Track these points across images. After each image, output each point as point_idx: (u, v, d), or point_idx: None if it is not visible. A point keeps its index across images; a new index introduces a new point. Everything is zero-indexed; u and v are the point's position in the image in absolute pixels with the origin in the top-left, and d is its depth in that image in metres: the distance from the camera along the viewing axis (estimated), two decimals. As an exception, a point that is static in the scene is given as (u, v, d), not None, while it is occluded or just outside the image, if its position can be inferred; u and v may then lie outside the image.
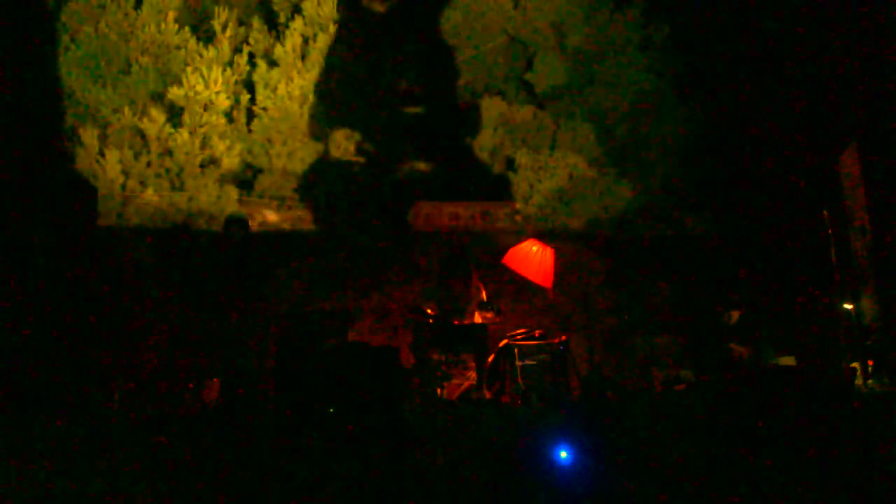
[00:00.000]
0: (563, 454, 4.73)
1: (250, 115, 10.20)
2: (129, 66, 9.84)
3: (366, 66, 10.58)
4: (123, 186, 9.50)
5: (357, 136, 10.48)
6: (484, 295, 7.44)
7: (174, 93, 9.65)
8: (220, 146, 9.79)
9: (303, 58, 10.23)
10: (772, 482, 4.64)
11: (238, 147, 9.97)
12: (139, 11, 9.96)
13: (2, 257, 6.64)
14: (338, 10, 10.41)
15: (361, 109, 10.49)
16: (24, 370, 6.21)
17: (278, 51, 10.22)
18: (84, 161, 9.42)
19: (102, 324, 7.17)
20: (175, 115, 9.73)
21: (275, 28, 10.59)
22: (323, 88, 10.20)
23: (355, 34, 10.52)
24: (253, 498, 4.59)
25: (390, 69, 10.86)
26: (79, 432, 5.00)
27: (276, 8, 10.68)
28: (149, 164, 9.58)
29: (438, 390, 6.79)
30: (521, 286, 8.22)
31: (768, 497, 4.59)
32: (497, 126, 10.80)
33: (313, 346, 6.53)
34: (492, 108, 10.86)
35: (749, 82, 10.06)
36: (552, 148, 10.58)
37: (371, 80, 10.59)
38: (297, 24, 10.31)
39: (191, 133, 9.66)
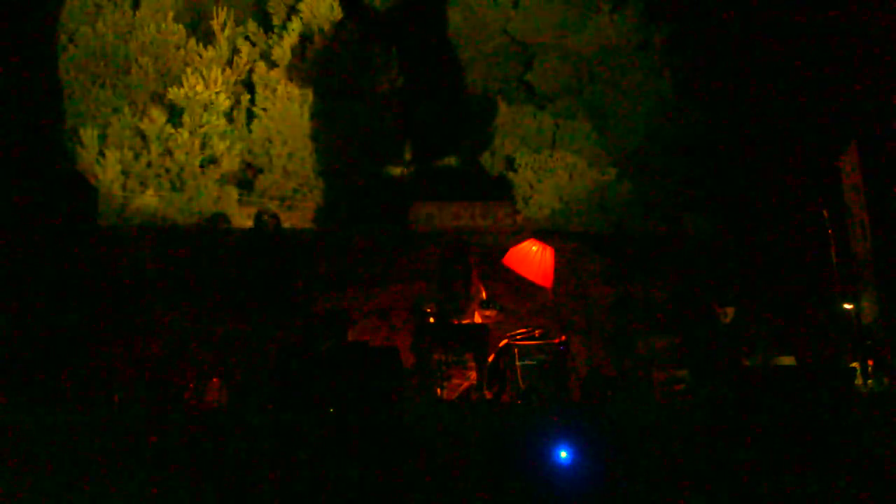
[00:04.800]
0: (563, 454, 4.72)
1: (250, 115, 10.20)
2: (129, 66, 9.84)
3: (365, 67, 10.58)
4: (123, 186, 9.49)
5: (357, 136, 10.47)
6: (484, 294, 7.43)
7: (174, 93, 9.65)
8: (220, 146, 9.79)
9: (302, 58, 10.22)
10: (772, 482, 4.63)
11: (238, 147, 9.97)
12: (137, 11, 9.95)
13: (2, 257, 6.64)
14: (336, 11, 10.40)
15: (361, 109, 10.49)
16: (25, 370, 6.21)
17: (277, 51, 10.22)
18: (84, 161, 9.41)
19: (102, 324, 7.17)
20: (175, 115, 9.73)
21: (271, 29, 10.59)
22: (322, 89, 10.20)
23: (354, 35, 10.51)
24: (253, 498, 4.59)
25: (390, 69, 10.85)
26: (79, 432, 4.99)
27: (271, 10, 10.67)
28: (149, 164, 9.58)
29: (438, 390, 6.78)
30: (521, 286, 8.21)
31: (768, 497, 4.58)
32: (497, 126, 10.80)
33: (313, 346, 6.53)
34: (492, 108, 10.85)
35: (749, 82, 10.06)
36: (552, 148, 10.58)
37: (371, 81, 10.58)
38: (296, 24, 10.31)
39: (191, 133, 9.66)
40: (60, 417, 5.26)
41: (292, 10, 10.53)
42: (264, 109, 10.11)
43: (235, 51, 10.23)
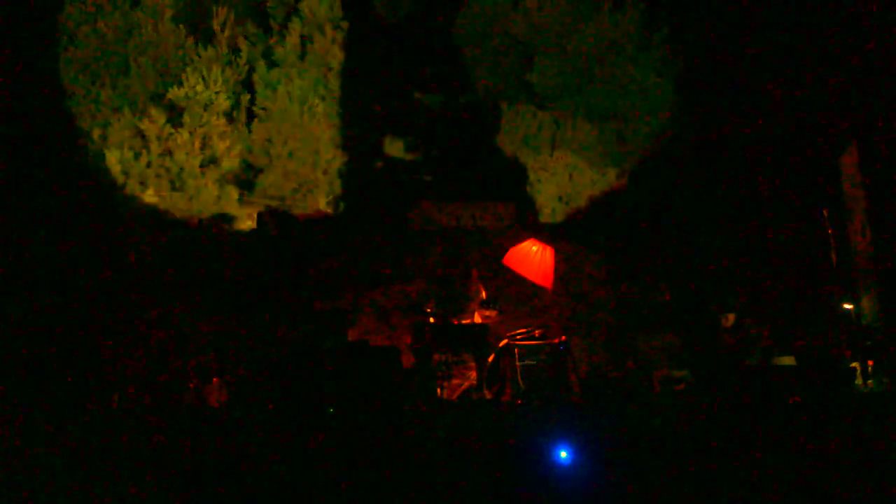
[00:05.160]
0: (563, 454, 4.73)
1: (250, 115, 10.19)
2: (128, 66, 9.83)
3: (365, 67, 10.57)
4: (123, 186, 9.49)
5: (357, 136, 10.47)
6: (484, 294, 7.44)
7: (174, 93, 9.64)
8: (220, 146, 9.78)
9: (302, 58, 10.22)
10: (771, 482, 4.64)
11: (238, 147, 9.96)
12: (137, 11, 9.94)
13: (2, 257, 6.65)
14: (337, 11, 10.38)
15: (361, 109, 10.49)
16: (25, 370, 6.21)
17: (278, 51, 10.21)
18: (84, 161, 9.41)
19: (102, 323, 7.17)
20: (175, 115, 9.72)
21: (270, 30, 10.58)
22: (322, 89, 10.19)
23: (354, 35, 10.50)
24: (253, 498, 4.59)
25: (390, 70, 10.85)
26: (79, 432, 5.00)
27: (270, 10, 10.66)
28: (149, 165, 9.57)
29: (438, 390, 6.78)
30: (521, 286, 8.21)
31: (768, 497, 4.59)
32: (497, 126, 10.79)
33: (313, 346, 6.54)
34: (492, 108, 10.85)
35: (749, 82, 10.06)
36: (552, 148, 10.57)
37: (370, 81, 10.58)
38: (296, 24, 10.30)
39: (191, 133, 9.65)
40: (61, 417, 5.26)
41: (292, 11, 10.52)
42: (264, 109, 10.11)
43: (235, 51, 10.23)
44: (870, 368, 6.78)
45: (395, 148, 10.96)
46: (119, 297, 7.85)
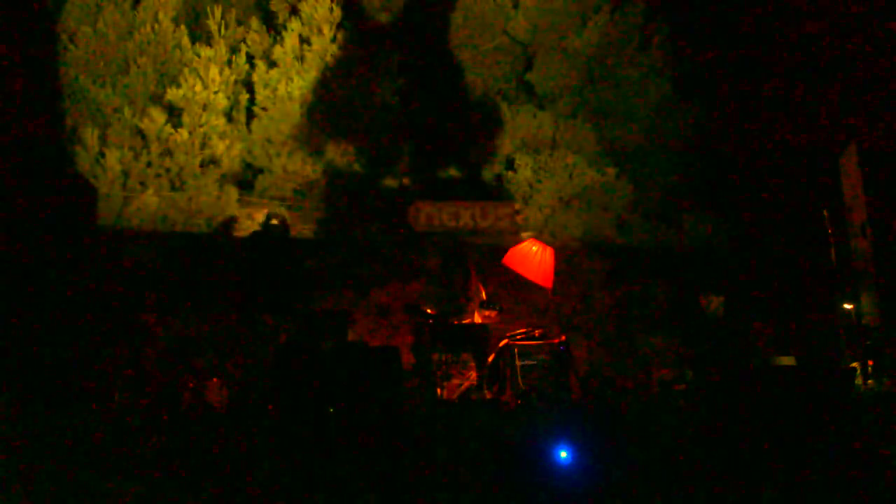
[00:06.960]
0: (563, 454, 4.73)
1: (250, 115, 10.19)
2: (128, 66, 9.83)
3: (364, 66, 10.57)
4: (123, 186, 9.49)
5: (356, 136, 10.47)
6: (484, 294, 7.45)
7: (173, 93, 9.64)
8: (220, 146, 9.78)
9: (301, 58, 10.22)
10: (772, 482, 4.64)
11: (238, 147, 9.95)
12: (137, 11, 9.94)
13: (1, 257, 6.64)
14: (336, 11, 10.37)
15: (361, 109, 10.48)
16: (24, 370, 6.21)
17: (277, 51, 10.21)
18: (84, 161, 9.41)
19: (102, 324, 7.17)
20: (175, 115, 9.72)
21: (274, 28, 10.57)
22: (322, 89, 10.18)
23: (353, 35, 10.50)
24: (252, 498, 4.59)
25: (389, 69, 10.84)
26: (79, 432, 5.00)
27: (274, 8, 10.66)
28: (149, 164, 9.56)
29: (438, 390, 6.79)
30: (521, 286, 8.22)
31: (768, 497, 4.59)
32: (497, 127, 10.79)
33: (313, 346, 6.54)
34: (492, 108, 10.84)
35: (749, 82, 10.07)
36: (552, 148, 10.57)
37: (370, 80, 10.57)
38: (295, 24, 10.30)
39: (191, 133, 9.65)
40: (61, 418, 5.26)
41: (293, 11, 10.51)
42: (264, 109, 10.10)
43: (235, 51, 10.22)
44: (870, 368, 6.77)
45: (395, 148, 10.95)
46: (119, 297, 7.85)
